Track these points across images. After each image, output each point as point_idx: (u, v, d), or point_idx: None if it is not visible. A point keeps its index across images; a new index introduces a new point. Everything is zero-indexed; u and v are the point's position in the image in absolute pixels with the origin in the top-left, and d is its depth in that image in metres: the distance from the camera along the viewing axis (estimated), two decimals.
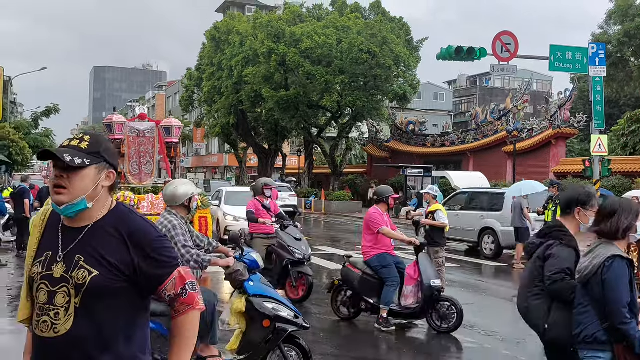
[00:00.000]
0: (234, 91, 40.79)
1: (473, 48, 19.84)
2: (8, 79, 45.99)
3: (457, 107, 73.35)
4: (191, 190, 5.53)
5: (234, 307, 5.34)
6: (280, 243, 9.58)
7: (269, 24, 36.90)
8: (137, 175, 14.75)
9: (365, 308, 8.37)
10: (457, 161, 37.19)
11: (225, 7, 71.12)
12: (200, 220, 13.81)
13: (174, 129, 15.08)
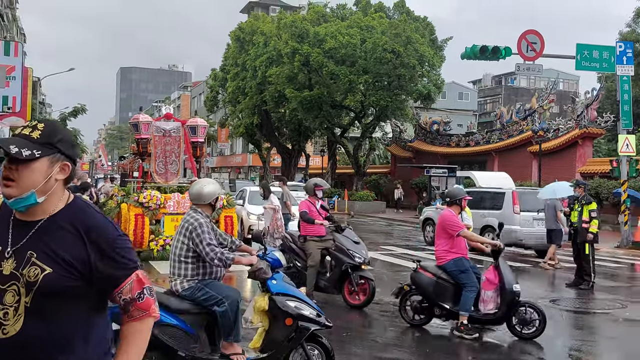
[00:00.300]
0: (257, 91, 40.95)
1: (498, 47, 19.70)
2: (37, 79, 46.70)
3: (482, 106, 72.77)
4: (218, 191, 5.59)
5: (257, 305, 5.36)
6: (339, 246, 9.29)
7: (292, 24, 36.97)
8: (163, 175, 14.87)
9: (439, 314, 8.08)
10: (481, 161, 36.88)
11: (249, 7, 71.44)
12: (226, 220, 13.96)
13: (199, 129, 15.15)
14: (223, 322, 5.17)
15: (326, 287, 9.40)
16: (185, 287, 5.25)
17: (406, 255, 16.27)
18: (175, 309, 5.14)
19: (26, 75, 31.13)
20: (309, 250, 9.39)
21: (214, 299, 5.19)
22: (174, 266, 5.36)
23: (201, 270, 5.32)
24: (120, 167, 21.26)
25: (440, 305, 7.98)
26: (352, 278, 9.12)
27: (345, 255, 9.18)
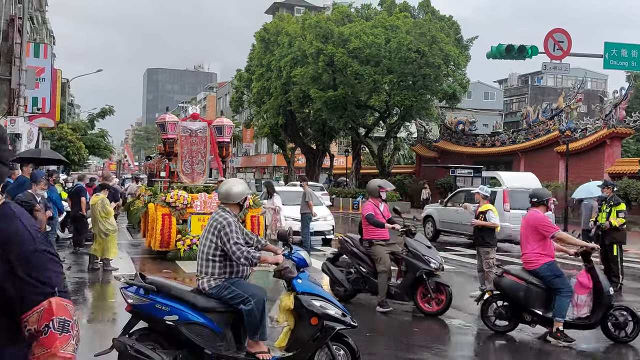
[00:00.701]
0: (282, 92, 41.08)
1: (524, 46, 19.50)
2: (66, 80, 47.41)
3: (508, 106, 72.10)
4: (246, 191, 5.65)
5: (283, 305, 5.40)
6: (414, 252, 8.96)
7: (317, 24, 37.01)
8: (190, 175, 14.89)
9: (529, 320, 7.81)
10: (507, 161, 36.55)
11: (274, 8, 71.65)
12: (252, 220, 13.95)
13: (225, 129, 15.16)
14: (249, 320, 5.21)
15: (397, 294, 9.03)
16: (212, 286, 5.31)
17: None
18: (202, 307, 5.20)
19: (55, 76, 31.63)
20: (377, 255, 9.03)
21: (240, 297, 5.23)
22: (201, 264, 5.42)
23: (228, 269, 5.37)
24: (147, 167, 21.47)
25: (531, 312, 7.70)
26: (428, 284, 8.76)
27: (420, 260, 8.85)
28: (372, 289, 9.17)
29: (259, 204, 14.72)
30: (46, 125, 31.34)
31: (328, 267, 9.61)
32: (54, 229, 13.46)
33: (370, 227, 9.18)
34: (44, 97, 28.04)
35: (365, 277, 9.19)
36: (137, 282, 5.18)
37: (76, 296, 9.96)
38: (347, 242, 9.60)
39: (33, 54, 27.31)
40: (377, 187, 9.53)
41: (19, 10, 27.84)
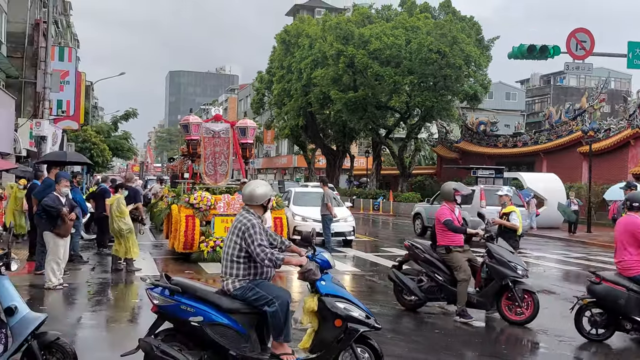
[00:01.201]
0: (303, 93, 41.17)
1: (546, 46, 19.32)
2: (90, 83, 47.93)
3: (530, 106, 71.47)
4: (269, 192, 5.65)
5: (307, 306, 5.39)
6: (498, 258, 8.52)
7: (337, 26, 37.02)
8: (213, 176, 14.87)
9: (630, 328, 7.53)
10: (529, 162, 36.23)
11: (295, 10, 71.84)
12: (275, 221, 13.78)
13: (248, 130, 15.18)
14: (273, 322, 5.22)
15: (479, 302, 8.65)
16: (237, 287, 5.32)
17: None
18: (226, 309, 5.22)
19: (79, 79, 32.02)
20: (457, 262, 8.64)
21: (264, 299, 5.24)
22: (225, 265, 5.44)
23: (252, 270, 5.38)
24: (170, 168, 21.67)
25: (632, 319, 7.49)
26: (515, 292, 8.40)
27: (506, 267, 8.44)
28: (448, 297, 8.81)
29: (282, 206, 14.62)
30: (70, 127, 31.74)
31: (397, 275, 9.16)
32: (78, 230, 13.61)
33: (448, 233, 8.71)
34: (69, 100, 28.44)
35: (442, 285, 8.79)
36: (163, 284, 5.22)
37: (100, 296, 10.07)
38: (418, 248, 9.09)
39: (58, 58, 27.71)
40: (452, 190, 9.01)
41: (44, 14, 28.24)
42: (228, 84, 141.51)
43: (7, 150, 20.62)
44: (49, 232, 10.15)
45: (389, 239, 21.22)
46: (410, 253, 9.19)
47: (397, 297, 9.31)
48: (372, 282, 11.98)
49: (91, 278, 11.50)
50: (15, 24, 26.01)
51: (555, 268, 15.19)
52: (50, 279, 10.03)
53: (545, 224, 25.39)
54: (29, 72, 26.25)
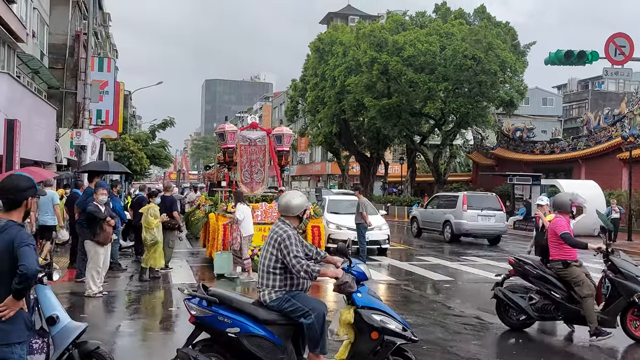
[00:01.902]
0: (336, 100, 41.20)
1: (584, 51, 18.98)
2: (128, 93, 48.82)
3: (567, 112, 70.30)
4: (305, 203, 5.66)
5: (343, 318, 5.37)
6: (626, 273, 8.08)
7: (371, 33, 36.98)
8: (249, 184, 14.87)
9: None
10: (567, 169, 35.61)
11: (329, 18, 72.02)
12: (313, 230, 13.73)
13: (285, 137, 15.13)
14: (310, 333, 5.21)
15: (603, 320, 8.05)
16: (273, 298, 5.33)
17: (489, 266, 15.88)
18: (262, 320, 5.23)
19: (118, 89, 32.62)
20: (578, 277, 8.11)
21: (300, 310, 5.24)
22: (262, 277, 5.46)
23: (289, 281, 5.38)
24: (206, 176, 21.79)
25: None
26: None
27: (635, 282, 7.97)
28: (567, 316, 8.32)
29: (320, 214, 14.41)
30: (109, 136, 32.33)
31: (506, 294, 8.59)
32: (117, 238, 13.82)
33: (565, 247, 8.14)
34: (108, 109, 28.97)
35: (559, 303, 8.23)
36: (200, 294, 5.26)
37: (138, 304, 10.20)
38: (528, 264, 8.54)
39: (97, 68, 28.27)
40: (569, 201, 8.52)
41: (84, 26, 28.88)
42: (262, 92, 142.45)
43: (49, 159, 21.09)
44: (90, 241, 10.34)
45: (424, 247, 21.04)
46: (517, 269, 8.69)
47: (501, 316, 8.78)
48: (407, 292, 11.89)
49: (129, 286, 11.66)
50: (57, 35, 26.67)
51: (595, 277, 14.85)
52: (90, 287, 10.20)
53: (584, 231, 24.89)
54: (69, 82, 26.87)
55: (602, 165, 32.23)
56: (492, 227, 22.24)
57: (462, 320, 9.25)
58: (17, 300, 3.87)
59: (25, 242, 3.86)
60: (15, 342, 3.93)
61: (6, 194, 4.02)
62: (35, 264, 3.83)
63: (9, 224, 3.94)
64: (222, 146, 14.82)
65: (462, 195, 22.85)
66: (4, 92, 15.26)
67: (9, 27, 17.93)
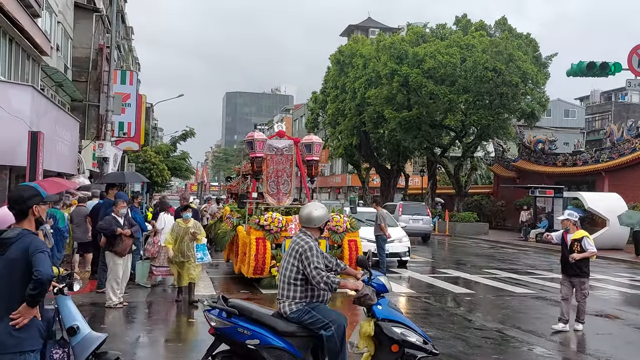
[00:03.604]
0: (356, 113, 41.17)
1: (607, 63, 18.85)
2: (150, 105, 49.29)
3: (590, 124, 69.58)
4: (327, 215, 5.65)
5: (363, 331, 5.33)
6: None
7: (391, 45, 36.97)
8: (275, 195, 14.16)
9: None
10: (590, 181, 35.18)
11: (349, 30, 72.23)
12: (350, 244, 12.94)
13: (314, 146, 14.38)
14: (329, 346, 5.17)
15: None
16: (293, 310, 5.31)
17: (511, 280, 15.71)
18: (282, 332, 5.20)
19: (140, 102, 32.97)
20: None
21: (320, 322, 5.21)
22: (282, 287, 5.44)
23: (309, 292, 5.36)
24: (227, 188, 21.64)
25: None
26: None
27: None
28: None
29: (357, 228, 13.53)
30: (131, 148, 32.62)
31: None
32: (138, 249, 13.88)
33: None
34: (130, 121, 29.27)
35: None
36: (220, 306, 5.25)
37: (158, 315, 10.22)
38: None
39: (120, 81, 28.61)
40: None
41: (107, 39, 29.27)
42: (283, 104, 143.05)
43: (72, 171, 21.32)
44: (109, 252, 10.41)
45: (445, 260, 20.88)
46: None
47: None
48: (427, 304, 11.79)
49: (150, 297, 11.70)
50: (80, 49, 27.04)
51: (619, 292, 14.63)
52: (110, 298, 10.26)
53: (608, 244, 24.54)
54: (92, 95, 27.20)
55: (626, 178, 31.80)
56: (420, 228, 29.48)
57: (483, 333, 9.14)
58: (31, 307, 3.96)
59: (40, 249, 4.02)
60: (29, 350, 4.02)
61: (14, 204, 4.25)
62: (49, 270, 3.93)
63: (23, 233, 4.11)
64: (251, 155, 14.02)
65: (399, 204, 31.46)
66: (28, 104, 15.48)
67: (34, 40, 18.22)
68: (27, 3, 17.56)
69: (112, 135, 25.07)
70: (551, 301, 12.34)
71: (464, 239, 32.49)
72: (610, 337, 9.17)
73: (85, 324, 5.31)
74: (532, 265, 19.89)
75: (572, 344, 8.91)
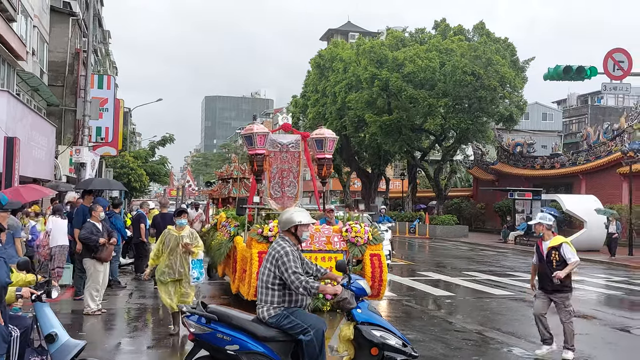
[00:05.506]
0: (337, 117, 41.29)
1: (583, 67, 19.06)
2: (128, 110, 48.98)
3: (567, 127, 70.43)
4: (296, 219, 5.62)
5: (342, 334, 5.37)
6: None
7: (371, 49, 37.18)
8: (280, 199, 12.25)
9: None
10: (567, 183, 35.63)
11: (329, 34, 72.44)
12: (372, 260, 10.54)
13: (327, 142, 12.20)
14: (308, 350, 5.19)
15: None
16: (272, 315, 5.33)
17: (490, 282, 15.86)
18: (262, 337, 5.22)
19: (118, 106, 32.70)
20: None
21: (299, 327, 5.24)
22: (261, 292, 5.46)
23: (287, 297, 5.39)
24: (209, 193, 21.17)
25: None
26: None
27: None
28: None
29: (380, 240, 10.92)
30: (109, 153, 32.38)
31: None
32: (117, 256, 13.79)
33: None
34: (107, 126, 29.04)
35: None
36: (199, 312, 5.26)
37: (138, 322, 10.16)
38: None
39: (97, 85, 28.38)
40: None
41: (84, 43, 29.05)
42: (263, 108, 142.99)
43: (48, 177, 21.13)
44: (89, 259, 10.31)
45: (426, 263, 21.00)
46: None
47: None
48: (408, 307, 11.85)
49: (129, 304, 11.63)
50: (57, 53, 26.82)
51: (596, 292, 14.83)
52: (89, 305, 10.18)
53: (586, 246, 24.86)
54: (69, 100, 26.99)
55: (603, 180, 32.26)
56: None
57: (463, 335, 9.22)
58: None
59: None
60: None
61: None
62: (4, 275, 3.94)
63: None
64: (249, 152, 11.78)
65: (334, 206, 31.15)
66: (3, 109, 15.33)
67: (9, 45, 18.06)
68: (2, 7, 17.41)
69: (90, 140, 24.86)
70: (530, 303, 12.45)
71: (444, 242, 32.70)
72: (587, 337, 9.29)
73: (63, 331, 5.29)
74: (511, 267, 20.09)
75: None
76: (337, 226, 11.09)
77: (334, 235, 10.63)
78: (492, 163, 43.03)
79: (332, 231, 10.68)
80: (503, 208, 36.68)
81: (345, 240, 10.54)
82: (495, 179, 41.86)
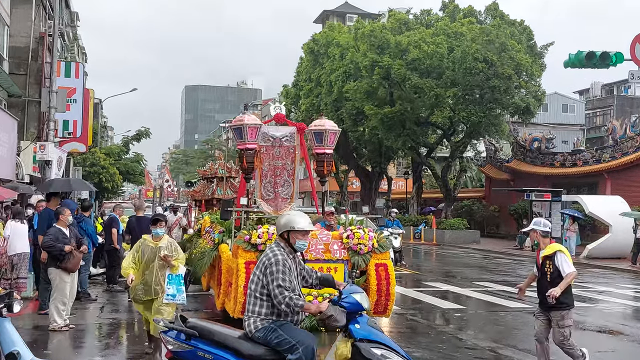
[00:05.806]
0: (333, 109, 41.24)
1: (607, 53, 19.15)
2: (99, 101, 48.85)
3: (591, 120, 70.65)
4: (290, 224, 5.64)
5: (339, 353, 5.37)
6: None
7: (371, 33, 37.16)
8: (273, 201, 11.83)
9: None
10: (591, 183, 35.72)
11: (324, 16, 72.42)
12: (378, 270, 10.16)
13: (328, 135, 11.73)
14: None
15: None
16: (259, 327, 5.33)
17: (504, 293, 15.88)
18: (247, 355, 5.22)
19: (87, 97, 32.61)
20: None
21: (287, 344, 5.24)
22: (249, 302, 5.48)
23: (276, 309, 5.40)
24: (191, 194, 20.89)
25: None
26: None
27: None
28: None
29: (387, 248, 10.55)
30: (77, 150, 32.27)
31: None
32: (87, 265, 13.72)
33: None
34: (76, 120, 28.94)
35: None
36: (178, 327, 5.26)
37: (110, 339, 10.16)
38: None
39: (64, 74, 28.26)
40: None
41: (49, 27, 28.95)
42: (250, 99, 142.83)
43: (9, 176, 21.04)
44: (55, 268, 10.27)
45: (433, 272, 21.04)
46: None
47: None
48: (413, 322, 11.88)
49: (100, 318, 11.61)
50: (18, 38, 26.71)
51: (622, 305, 14.88)
52: (55, 320, 10.15)
53: (611, 253, 24.94)
54: (32, 90, 26.88)
55: (630, 179, 32.34)
56: None
57: (475, 353, 9.26)
58: None
59: None
60: None
61: None
62: None
63: None
64: (239, 146, 11.37)
65: None
66: None
67: None
68: None
69: (56, 135, 24.75)
70: None
71: (453, 249, 32.76)
72: (614, 355, 9.34)
73: (26, 349, 5.28)
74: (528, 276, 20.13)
75: None
76: (337, 232, 10.50)
77: (334, 242, 10.13)
78: (506, 160, 43.09)
79: (331, 237, 10.21)
80: (519, 210, 36.72)
81: (346, 248, 10.05)
82: (510, 178, 41.91)
